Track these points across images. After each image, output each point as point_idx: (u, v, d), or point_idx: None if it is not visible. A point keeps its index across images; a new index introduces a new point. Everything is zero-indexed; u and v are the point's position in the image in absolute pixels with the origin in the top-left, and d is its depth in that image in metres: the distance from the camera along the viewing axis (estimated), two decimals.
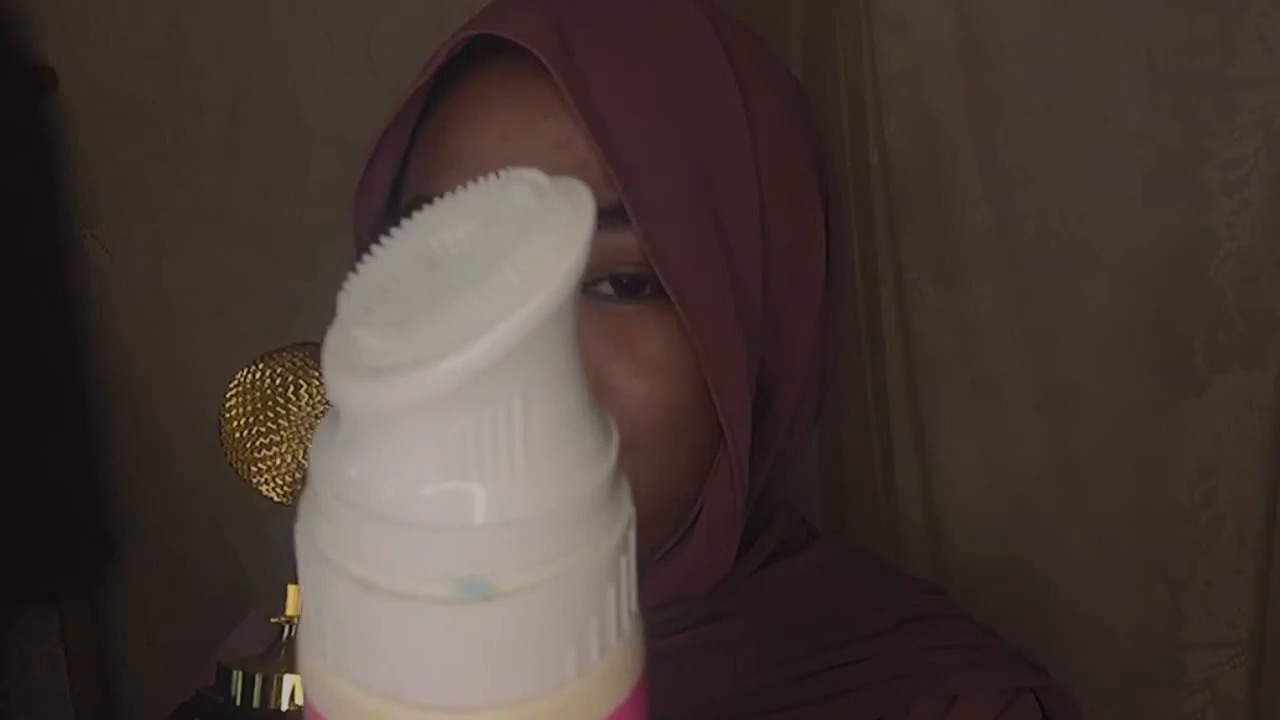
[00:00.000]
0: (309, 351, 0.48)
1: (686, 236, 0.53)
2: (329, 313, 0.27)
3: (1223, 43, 0.97)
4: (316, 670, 0.27)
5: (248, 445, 0.49)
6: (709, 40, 0.57)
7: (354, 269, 0.27)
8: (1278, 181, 0.98)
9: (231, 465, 0.52)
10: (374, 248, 0.27)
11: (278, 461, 0.48)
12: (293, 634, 0.48)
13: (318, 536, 0.26)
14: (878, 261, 1.04)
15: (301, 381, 0.48)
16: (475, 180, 0.28)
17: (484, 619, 0.25)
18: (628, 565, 0.27)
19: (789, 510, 0.67)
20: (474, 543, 0.25)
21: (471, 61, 0.56)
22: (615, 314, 0.53)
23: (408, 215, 0.58)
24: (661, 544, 0.58)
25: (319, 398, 0.47)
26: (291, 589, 0.49)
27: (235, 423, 0.49)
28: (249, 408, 0.49)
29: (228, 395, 0.51)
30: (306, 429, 0.47)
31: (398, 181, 0.59)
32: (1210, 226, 0.99)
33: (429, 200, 0.55)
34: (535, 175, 0.27)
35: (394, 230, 0.27)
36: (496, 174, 0.28)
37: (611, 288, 0.53)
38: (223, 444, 0.53)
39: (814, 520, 0.71)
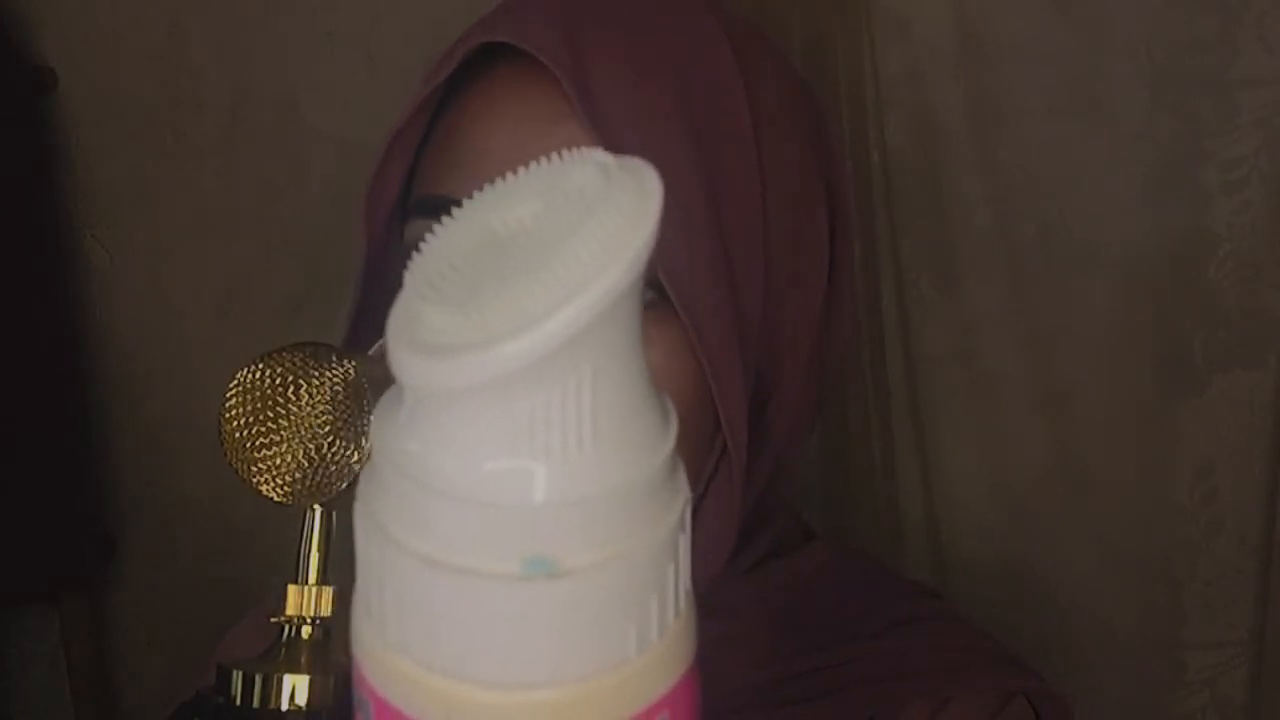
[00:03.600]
0: (309, 351, 0.48)
1: (692, 247, 0.53)
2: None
3: (1223, 43, 0.97)
4: (375, 648, 0.27)
5: (248, 445, 0.49)
6: (718, 44, 0.57)
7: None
8: (1278, 181, 0.98)
9: (231, 465, 0.52)
10: (436, 227, 0.27)
11: (278, 461, 0.48)
12: (293, 634, 0.48)
13: (379, 511, 0.26)
14: (878, 262, 1.04)
15: (301, 381, 0.48)
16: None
17: (549, 597, 0.25)
18: (685, 544, 0.28)
19: (787, 510, 0.67)
20: (539, 521, 0.25)
21: (483, 63, 0.56)
22: None
23: (416, 216, 0.58)
24: None
25: (319, 398, 0.47)
26: (291, 589, 0.49)
27: (235, 423, 0.49)
28: (249, 408, 0.49)
29: (228, 395, 0.51)
30: (306, 429, 0.47)
31: (408, 181, 0.60)
32: (1210, 226, 0.99)
33: (438, 201, 0.55)
34: (600, 155, 0.27)
35: (456, 211, 0.27)
36: (559, 155, 0.27)
37: None
38: (223, 444, 0.53)
39: (814, 520, 0.71)
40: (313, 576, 0.48)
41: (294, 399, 0.48)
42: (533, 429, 0.25)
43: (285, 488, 0.48)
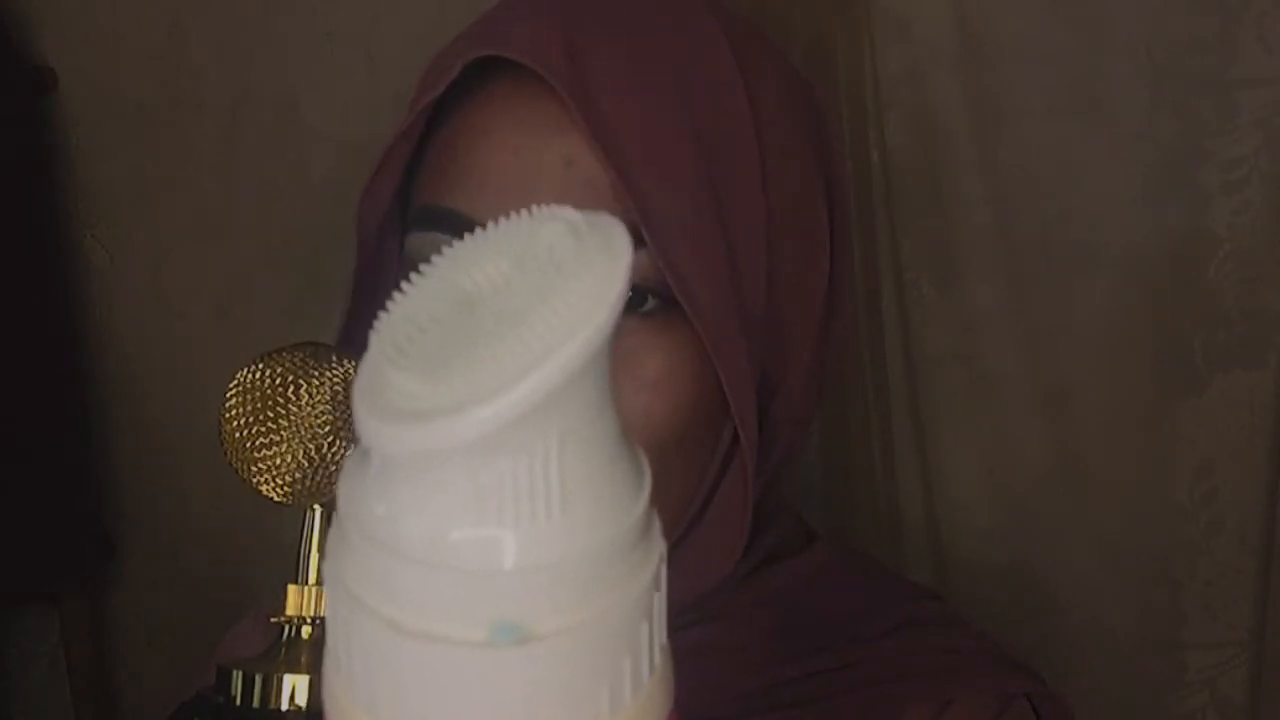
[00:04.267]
0: (309, 351, 0.48)
1: (698, 252, 0.53)
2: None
3: (1223, 43, 0.97)
4: (344, 705, 0.27)
5: (248, 445, 0.49)
6: (718, 44, 0.57)
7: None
8: (1278, 181, 0.98)
9: (231, 465, 0.52)
10: (404, 285, 0.26)
11: (278, 461, 0.48)
12: (293, 634, 0.48)
13: (345, 574, 0.26)
14: (878, 262, 1.04)
15: (301, 381, 0.48)
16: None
17: (517, 663, 0.25)
18: (659, 601, 0.27)
19: (788, 511, 0.67)
20: (507, 587, 0.25)
21: (479, 70, 0.56)
22: (619, 331, 0.53)
23: (419, 228, 0.57)
24: None
25: (319, 397, 0.47)
26: (291, 589, 0.49)
27: (235, 423, 0.49)
28: (249, 408, 0.49)
29: (228, 395, 0.51)
30: (306, 429, 0.47)
31: (400, 189, 0.59)
32: (1210, 226, 0.99)
33: (441, 212, 0.55)
34: (570, 214, 0.27)
35: (424, 268, 0.27)
36: (528, 210, 0.27)
37: None
38: (223, 444, 0.53)
39: (814, 521, 0.71)
40: (313, 576, 0.48)
41: (294, 399, 0.48)
42: (500, 496, 0.25)
43: (285, 488, 0.48)
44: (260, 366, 0.49)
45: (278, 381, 0.48)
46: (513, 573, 0.25)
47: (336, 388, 0.47)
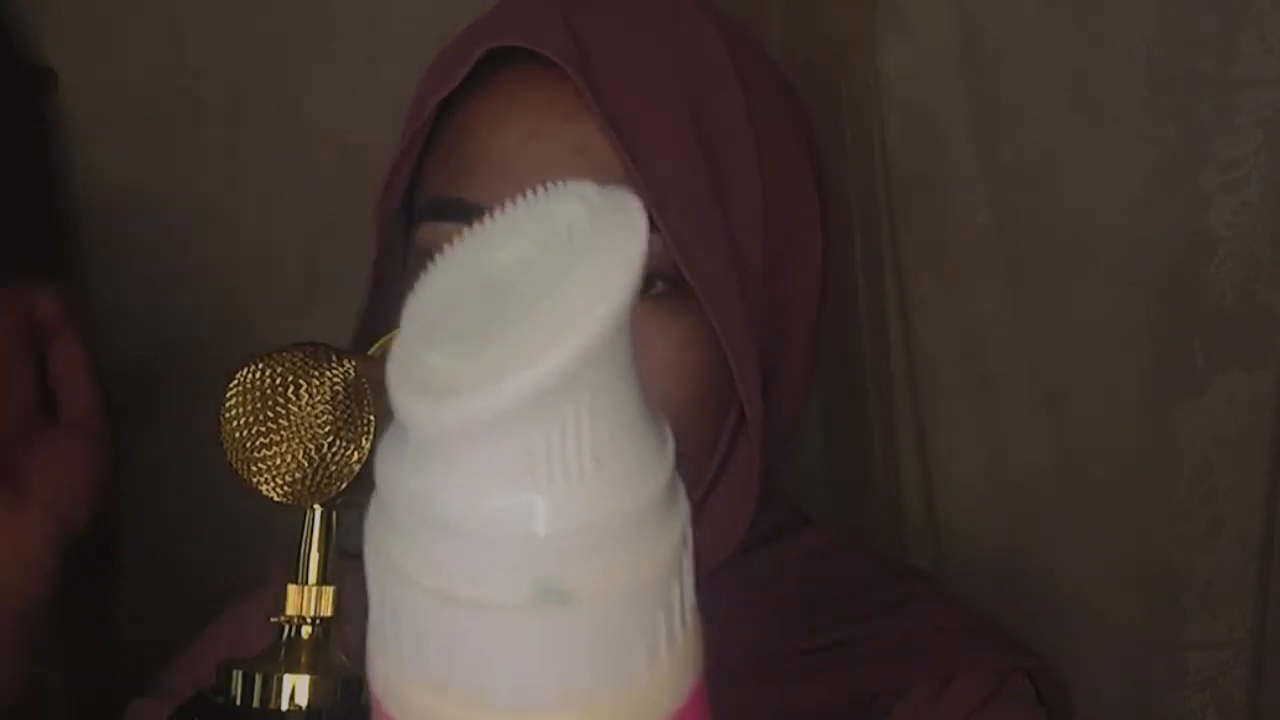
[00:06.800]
0: (309, 351, 0.48)
1: (704, 235, 0.55)
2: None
3: (1223, 43, 0.97)
4: (391, 680, 0.28)
5: (248, 445, 0.49)
6: (713, 38, 0.58)
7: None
8: (1278, 181, 0.98)
9: (231, 465, 0.52)
10: (429, 267, 0.28)
11: (278, 461, 0.48)
12: (293, 634, 0.48)
13: (390, 548, 0.27)
14: (879, 262, 1.04)
15: (301, 381, 0.48)
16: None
17: (560, 623, 0.26)
18: (688, 559, 0.28)
19: (784, 496, 0.68)
20: (546, 550, 0.26)
21: (486, 64, 0.57)
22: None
23: (429, 219, 0.59)
24: None
25: (319, 397, 0.47)
26: (291, 589, 0.49)
27: (235, 423, 0.49)
28: (249, 408, 0.49)
29: (228, 395, 0.51)
30: (306, 429, 0.47)
31: (409, 183, 0.60)
32: (1210, 226, 0.99)
33: (450, 203, 0.56)
34: (585, 190, 0.28)
35: (447, 250, 0.28)
36: (545, 187, 0.28)
37: None
38: (223, 444, 0.53)
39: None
40: (313, 576, 0.48)
41: (294, 399, 0.48)
42: (534, 462, 0.26)
43: (285, 488, 0.48)
44: (260, 366, 0.49)
45: (278, 381, 0.48)
46: (550, 536, 0.26)
47: (336, 388, 0.47)
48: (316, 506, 0.48)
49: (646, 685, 0.27)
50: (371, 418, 0.46)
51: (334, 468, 0.47)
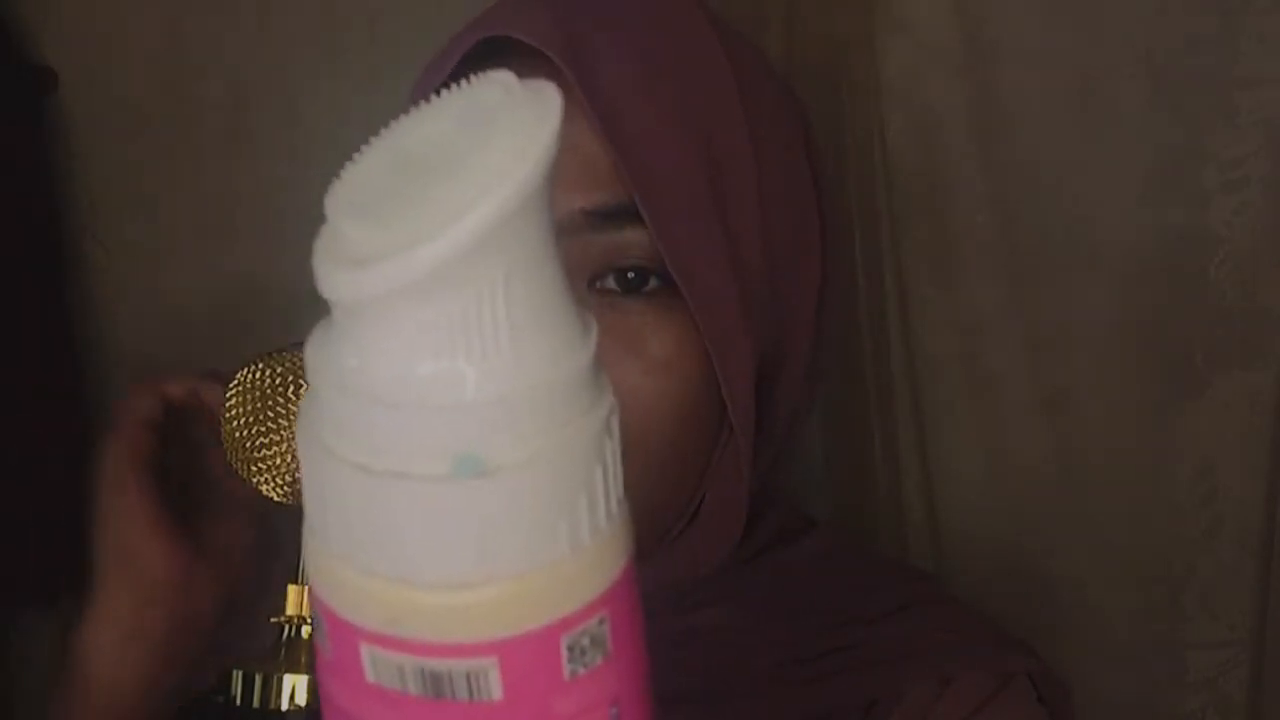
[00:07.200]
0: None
1: (696, 234, 0.54)
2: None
3: (1223, 43, 0.97)
4: (321, 561, 0.28)
5: (248, 445, 0.49)
6: (709, 37, 0.58)
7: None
8: (1278, 181, 0.98)
9: (232, 465, 0.52)
10: (355, 154, 0.29)
11: (278, 461, 0.48)
12: (293, 634, 0.48)
13: (318, 429, 0.28)
14: (879, 262, 1.04)
15: (301, 381, 0.48)
16: None
17: (479, 495, 0.27)
18: (613, 451, 0.29)
19: (786, 500, 0.68)
20: (465, 420, 0.26)
21: (479, 61, 0.57)
22: (624, 312, 0.55)
23: None
24: (668, 532, 0.60)
25: None
26: (291, 589, 0.49)
27: (235, 423, 0.49)
28: (249, 408, 0.49)
29: (228, 395, 0.51)
30: None
31: None
32: (1210, 226, 0.99)
33: None
34: (505, 76, 0.29)
35: (374, 137, 0.29)
36: (469, 80, 0.29)
37: (615, 283, 0.55)
38: (223, 444, 0.53)
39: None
40: None
41: (294, 399, 0.48)
42: (451, 332, 0.26)
43: (285, 488, 0.48)
44: (260, 366, 0.49)
45: (278, 381, 0.48)
46: (469, 406, 0.26)
47: None
48: None
49: (569, 566, 0.27)
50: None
51: None
